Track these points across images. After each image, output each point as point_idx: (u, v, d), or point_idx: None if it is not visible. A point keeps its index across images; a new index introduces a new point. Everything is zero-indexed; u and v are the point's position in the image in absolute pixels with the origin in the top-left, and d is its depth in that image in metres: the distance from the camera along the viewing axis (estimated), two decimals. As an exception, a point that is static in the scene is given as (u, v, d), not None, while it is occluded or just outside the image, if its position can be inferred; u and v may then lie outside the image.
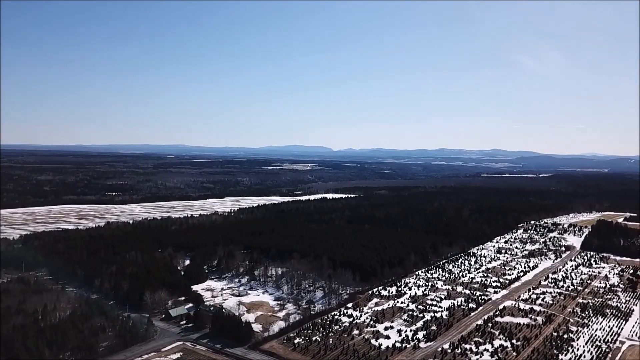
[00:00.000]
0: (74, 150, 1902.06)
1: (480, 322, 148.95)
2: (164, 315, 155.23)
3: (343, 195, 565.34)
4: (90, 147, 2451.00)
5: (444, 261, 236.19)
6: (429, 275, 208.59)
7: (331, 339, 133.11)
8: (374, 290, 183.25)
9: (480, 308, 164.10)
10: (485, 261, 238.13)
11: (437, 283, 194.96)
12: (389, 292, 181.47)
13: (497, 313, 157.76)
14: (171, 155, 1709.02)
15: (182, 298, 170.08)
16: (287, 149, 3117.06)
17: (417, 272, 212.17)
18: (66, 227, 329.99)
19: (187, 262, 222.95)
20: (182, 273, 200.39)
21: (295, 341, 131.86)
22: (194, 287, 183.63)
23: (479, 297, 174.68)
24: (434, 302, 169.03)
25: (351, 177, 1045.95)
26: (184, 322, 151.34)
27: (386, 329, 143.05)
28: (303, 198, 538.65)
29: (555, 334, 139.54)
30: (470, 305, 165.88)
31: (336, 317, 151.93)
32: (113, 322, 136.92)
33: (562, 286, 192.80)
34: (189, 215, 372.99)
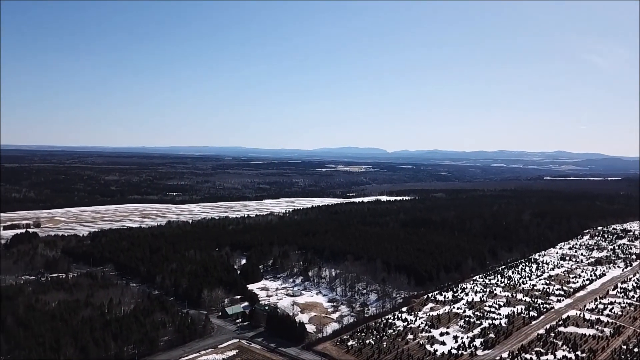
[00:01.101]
0: (138, 152, 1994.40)
1: (541, 331, 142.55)
2: (220, 313, 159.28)
3: (398, 198, 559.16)
4: (153, 149, 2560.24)
5: (503, 267, 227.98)
6: (487, 281, 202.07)
7: (385, 343, 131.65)
8: (429, 294, 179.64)
9: (542, 317, 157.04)
10: (547, 268, 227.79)
11: (495, 289, 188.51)
12: (444, 297, 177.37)
13: (560, 323, 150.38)
14: (229, 156, 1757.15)
15: (238, 296, 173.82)
16: (341, 151, 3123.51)
17: (474, 278, 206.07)
18: (130, 225, 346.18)
19: (243, 261, 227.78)
20: (238, 272, 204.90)
21: (349, 343, 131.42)
22: (250, 286, 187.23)
23: (541, 306, 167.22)
24: (492, 309, 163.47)
25: (406, 180, 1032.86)
26: (240, 320, 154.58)
27: (442, 334, 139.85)
28: (357, 200, 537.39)
29: (625, 347, 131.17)
30: (531, 313, 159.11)
31: (390, 320, 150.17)
32: (173, 318, 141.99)
33: (633, 296, 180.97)
34: (246, 216, 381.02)
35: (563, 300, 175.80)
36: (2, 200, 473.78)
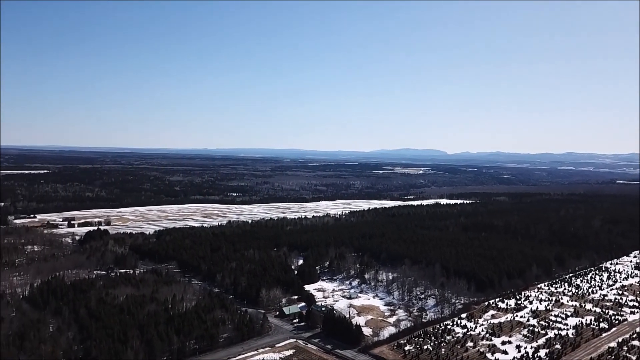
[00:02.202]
0: (201, 154, 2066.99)
1: (613, 344, 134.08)
2: (278, 313, 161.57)
3: (458, 201, 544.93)
4: (215, 151, 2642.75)
5: (570, 275, 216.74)
6: (552, 289, 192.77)
7: (443, 349, 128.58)
8: (491, 301, 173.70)
9: (614, 329, 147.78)
10: (620, 277, 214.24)
11: (562, 298, 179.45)
12: (507, 304, 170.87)
13: (634, 336, 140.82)
14: (287, 158, 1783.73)
15: (295, 297, 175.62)
16: (399, 153, 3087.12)
17: (539, 285, 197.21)
18: (193, 225, 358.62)
19: (301, 261, 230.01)
20: (296, 272, 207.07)
21: (406, 348, 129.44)
22: (307, 287, 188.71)
23: (612, 317, 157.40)
24: (559, 319, 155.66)
25: (467, 182, 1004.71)
26: (297, 320, 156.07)
27: (503, 343, 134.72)
28: (415, 203, 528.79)
29: None
30: (602, 325, 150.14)
31: (449, 326, 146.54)
32: (232, 316, 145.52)
33: None
34: (303, 217, 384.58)
35: (637, 312, 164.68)
36: (76, 199, 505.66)
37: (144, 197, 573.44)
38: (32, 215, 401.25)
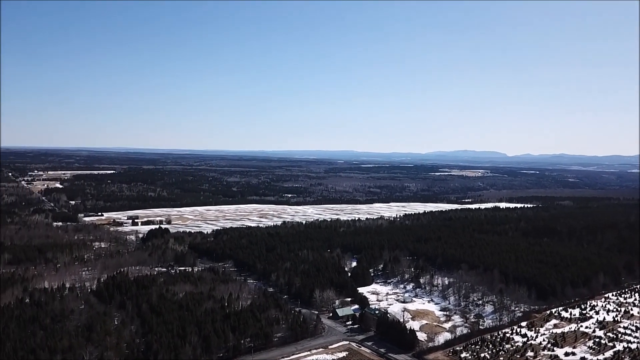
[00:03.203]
0: (257, 156, 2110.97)
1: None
2: (331, 314, 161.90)
3: (518, 205, 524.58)
4: (270, 153, 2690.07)
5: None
6: (621, 299, 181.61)
7: (502, 358, 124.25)
8: (553, 310, 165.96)
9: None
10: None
11: (632, 309, 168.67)
12: (570, 314, 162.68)
13: None
14: (341, 160, 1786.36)
15: (349, 299, 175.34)
16: (456, 155, 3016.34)
17: (606, 295, 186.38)
18: (249, 224, 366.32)
19: (354, 263, 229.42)
20: (349, 274, 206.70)
21: (462, 355, 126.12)
22: (360, 289, 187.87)
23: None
24: (628, 331, 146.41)
25: (528, 186, 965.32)
26: (350, 322, 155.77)
27: (567, 354, 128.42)
28: (473, 206, 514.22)
29: None
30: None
31: (508, 335, 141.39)
32: (286, 316, 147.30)
33: None
34: (356, 219, 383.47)
35: None
36: (139, 199, 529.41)
37: (202, 197, 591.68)
38: (99, 214, 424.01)
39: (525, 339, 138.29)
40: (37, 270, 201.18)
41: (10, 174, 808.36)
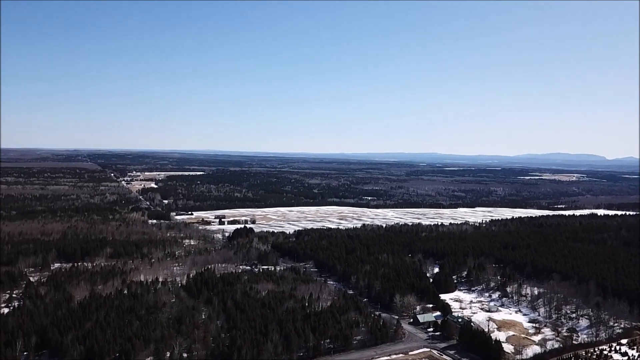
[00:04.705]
0: (337, 158, 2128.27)
1: None
2: (411, 320, 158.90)
3: (619, 212, 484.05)
4: (351, 156, 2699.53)
5: None
6: None
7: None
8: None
9: None
10: None
11: None
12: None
13: None
14: (423, 163, 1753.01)
15: (430, 305, 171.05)
16: (548, 157, 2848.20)
17: None
18: (329, 226, 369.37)
19: (436, 269, 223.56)
20: (431, 280, 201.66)
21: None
22: (442, 296, 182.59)
23: None
24: None
25: (630, 192, 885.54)
26: (431, 329, 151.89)
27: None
28: (566, 213, 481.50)
29: None
30: None
31: (605, 352, 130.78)
32: (366, 319, 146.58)
33: None
34: (439, 223, 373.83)
35: None
36: (226, 199, 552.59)
37: (285, 199, 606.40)
38: (189, 213, 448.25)
39: (625, 358, 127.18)
40: (134, 264, 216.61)
41: (112, 174, 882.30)
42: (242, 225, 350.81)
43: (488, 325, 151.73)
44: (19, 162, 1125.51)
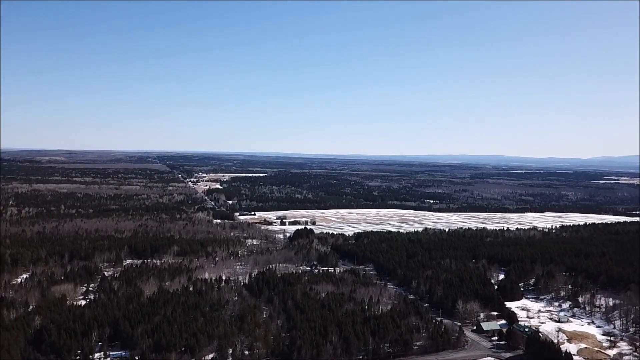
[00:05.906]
0: (398, 160, 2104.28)
1: None
2: (475, 327, 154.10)
3: None
4: (412, 157, 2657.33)
5: None
6: None
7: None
8: None
9: None
10: None
11: None
12: None
13: None
14: (489, 165, 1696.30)
15: (494, 313, 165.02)
16: (626, 160, 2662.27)
17: None
18: (390, 229, 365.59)
19: (501, 276, 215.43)
20: (495, 287, 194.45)
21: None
22: (508, 304, 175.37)
23: None
24: None
25: None
26: (496, 338, 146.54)
27: None
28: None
29: None
30: None
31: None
32: (427, 324, 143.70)
33: None
34: (505, 228, 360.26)
35: None
36: (287, 200, 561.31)
37: (344, 200, 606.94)
38: (252, 213, 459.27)
39: None
40: (199, 262, 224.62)
41: (180, 175, 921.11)
42: (303, 226, 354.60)
43: (557, 336, 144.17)
44: (96, 163, 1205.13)
